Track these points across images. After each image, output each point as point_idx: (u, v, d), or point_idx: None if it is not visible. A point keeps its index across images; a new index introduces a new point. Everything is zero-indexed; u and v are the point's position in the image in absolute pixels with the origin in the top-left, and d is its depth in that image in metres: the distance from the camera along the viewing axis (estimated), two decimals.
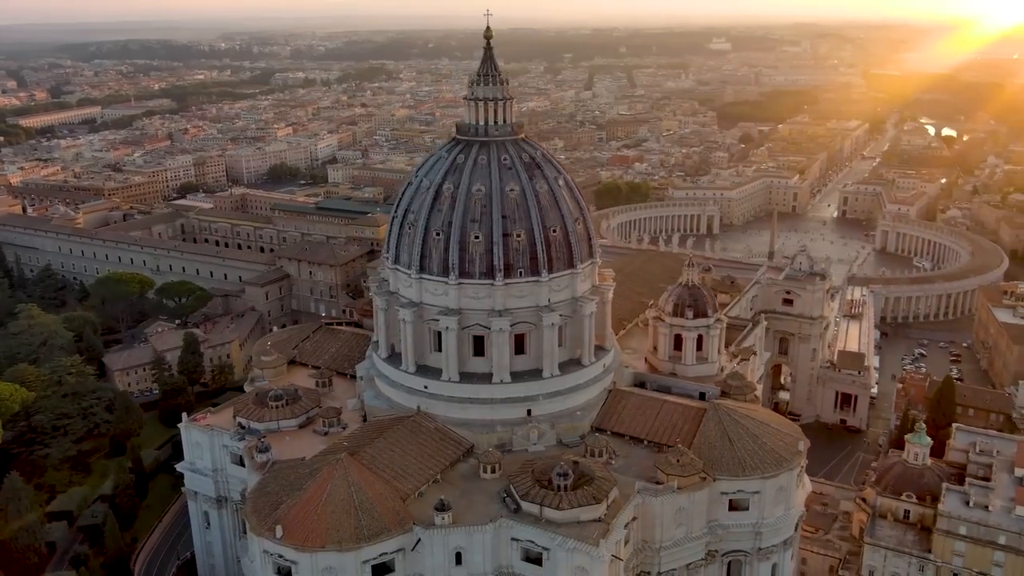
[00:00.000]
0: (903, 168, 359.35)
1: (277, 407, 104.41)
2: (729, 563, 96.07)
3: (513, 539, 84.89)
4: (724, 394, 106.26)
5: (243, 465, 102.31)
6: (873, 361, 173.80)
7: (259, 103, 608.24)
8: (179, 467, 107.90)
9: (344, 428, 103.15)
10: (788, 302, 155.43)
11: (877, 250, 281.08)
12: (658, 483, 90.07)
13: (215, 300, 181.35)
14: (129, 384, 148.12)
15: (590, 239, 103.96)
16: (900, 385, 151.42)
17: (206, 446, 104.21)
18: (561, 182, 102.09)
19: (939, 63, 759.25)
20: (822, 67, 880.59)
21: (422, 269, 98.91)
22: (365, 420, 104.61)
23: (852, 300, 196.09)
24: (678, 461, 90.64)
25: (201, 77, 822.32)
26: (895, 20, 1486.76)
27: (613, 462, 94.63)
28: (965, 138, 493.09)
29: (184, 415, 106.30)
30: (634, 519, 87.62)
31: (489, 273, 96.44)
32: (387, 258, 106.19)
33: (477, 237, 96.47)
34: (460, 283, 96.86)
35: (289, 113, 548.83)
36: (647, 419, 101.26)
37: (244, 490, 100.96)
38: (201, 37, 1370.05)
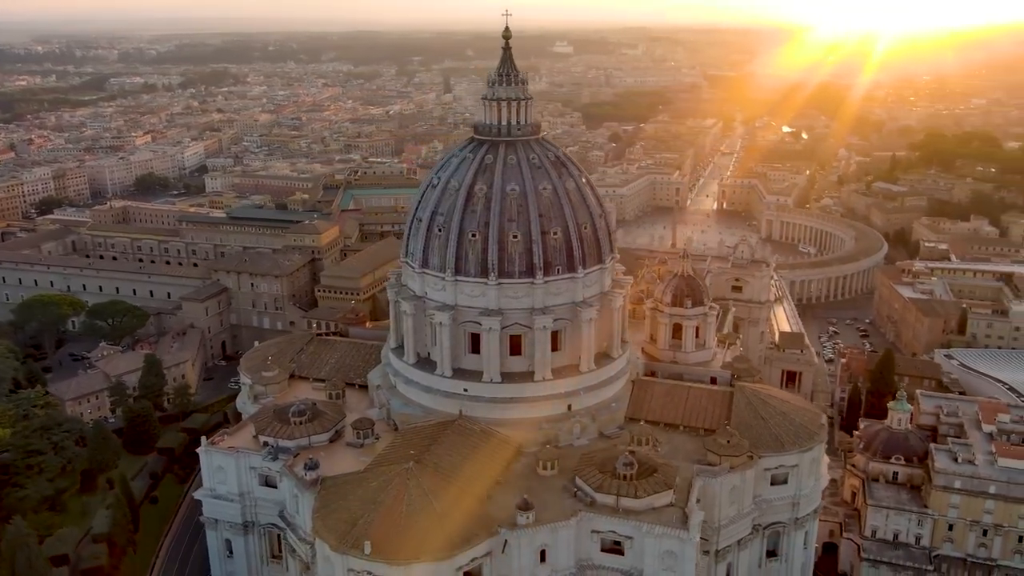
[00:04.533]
0: (766, 162, 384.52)
1: (301, 422, 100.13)
2: (766, 535, 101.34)
3: (593, 531, 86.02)
4: (735, 377, 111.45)
5: (273, 486, 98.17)
6: None
7: (102, 110, 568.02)
8: (197, 495, 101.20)
9: (377, 439, 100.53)
10: (737, 288, 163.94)
11: (763, 238, 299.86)
12: (710, 465, 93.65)
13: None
14: (82, 413, 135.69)
15: (610, 234, 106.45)
16: (843, 360, 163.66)
17: (231, 469, 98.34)
18: (583, 180, 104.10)
19: (774, 66, 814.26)
20: (661, 69, 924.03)
21: (457, 271, 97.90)
22: (396, 429, 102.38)
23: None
24: (728, 442, 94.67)
25: (24, 83, 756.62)
26: (722, 25, 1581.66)
27: (658, 449, 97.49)
28: (804, 136, 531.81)
29: (203, 439, 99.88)
30: (697, 501, 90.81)
31: (529, 272, 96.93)
32: (409, 263, 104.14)
33: (515, 236, 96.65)
34: (500, 283, 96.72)
35: (141, 120, 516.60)
36: (677, 406, 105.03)
37: (281, 511, 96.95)
38: (11, 40, 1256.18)
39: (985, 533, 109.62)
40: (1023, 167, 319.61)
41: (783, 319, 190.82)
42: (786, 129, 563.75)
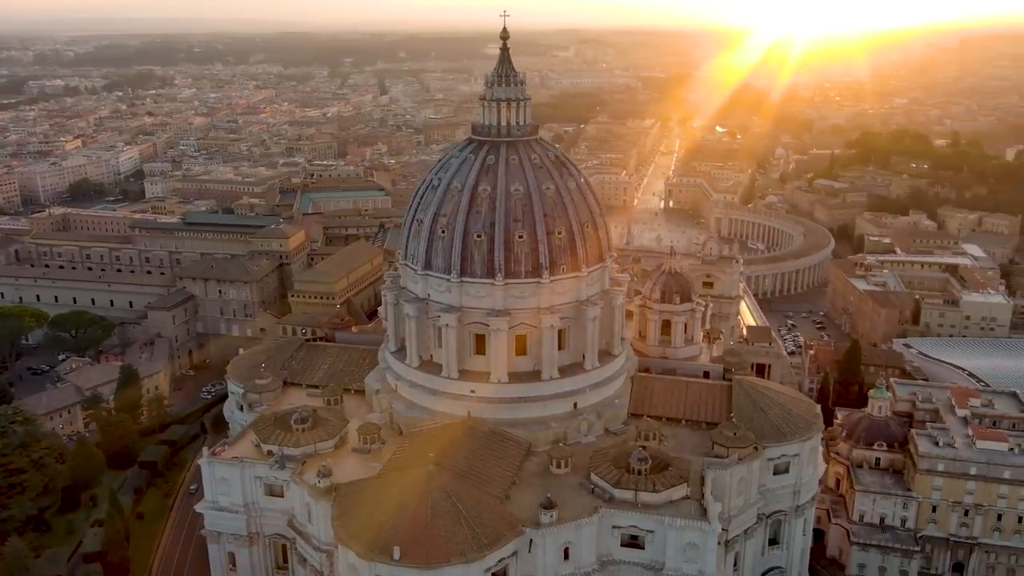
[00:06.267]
0: (706, 161, 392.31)
1: (304, 430, 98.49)
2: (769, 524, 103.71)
3: (614, 527, 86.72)
4: (727, 370, 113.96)
5: (280, 496, 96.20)
6: None
7: (24, 114, 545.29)
8: (199, 508, 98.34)
9: (384, 443, 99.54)
10: (708, 284, 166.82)
11: (711, 236, 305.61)
12: (717, 457, 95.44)
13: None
14: (54, 428, 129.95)
15: (608, 233, 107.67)
16: (811, 352, 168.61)
17: (236, 480, 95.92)
18: (582, 180, 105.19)
19: (703, 67, 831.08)
20: (594, 71, 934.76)
21: (463, 272, 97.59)
22: (401, 433, 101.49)
23: None
24: (735, 435, 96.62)
25: None
26: (650, 27, 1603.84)
27: (664, 443, 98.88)
28: (738, 136, 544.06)
29: (205, 450, 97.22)
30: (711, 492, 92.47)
31: (535, 272, 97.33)
32: (410, 265, 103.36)
33: (521, 236, 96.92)
34: (506, 283, 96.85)
35: (67, 124, 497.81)
36: (678, 400, 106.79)
37: (289, 521, 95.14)
38: None
39: (967, 513, 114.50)
40: (953, 163, 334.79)
41: (747, 314, 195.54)
42: (719, 129, 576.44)
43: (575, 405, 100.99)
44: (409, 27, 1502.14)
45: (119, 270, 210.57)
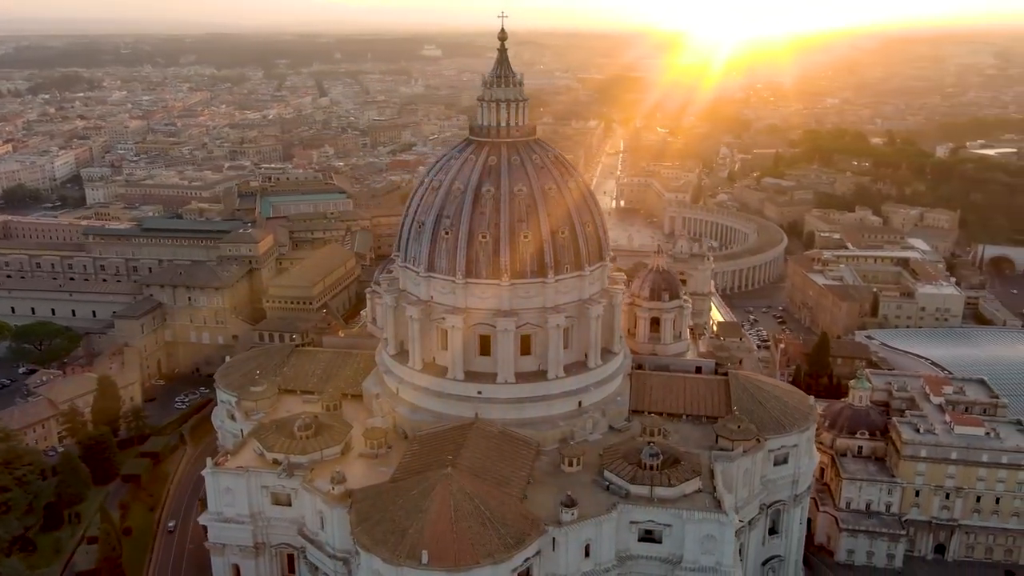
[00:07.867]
0: (654, 161, 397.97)
1: (307, 436, 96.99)
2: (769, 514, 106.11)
3: (632, 522, 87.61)
4: (719, 365, 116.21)
5: (287, 504, 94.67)
6: None
7: None
8: (202, 520, 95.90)
9: (390, 448, 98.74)
10: (682, 282, 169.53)
11: (666, 234, 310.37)
12: (722, 450, 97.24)
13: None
14: (27, 444, 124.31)
15: (606, 232, 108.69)
16: (782, 346, 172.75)
17: (241, 490, 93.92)
18: (581, 180, 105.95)
19: (637, 68, 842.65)
20: (532, 72, 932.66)
21: (468, 274, 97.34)
22: (406, 436, 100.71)
23: None
24: (739, 428, 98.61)
25: None
26: (583, 29, 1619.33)
27: (667, 438, 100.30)
28: (679, 137, 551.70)
29: (208, 460, 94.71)
30: None
31: (540, 271, 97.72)
32: (410, 267, 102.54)
33: (526, 236, 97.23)
34: (512, 284, 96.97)
35: None
36: (677, 396, 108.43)
37: (299, 529, 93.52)
38: None
39: (948, 496, 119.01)
40: (893, 161, 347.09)
41: (714, 310, 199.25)
42: (661, 130, 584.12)
43: (580, 403, 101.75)
44: (342, 28, 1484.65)
45: (72, 278, 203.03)
